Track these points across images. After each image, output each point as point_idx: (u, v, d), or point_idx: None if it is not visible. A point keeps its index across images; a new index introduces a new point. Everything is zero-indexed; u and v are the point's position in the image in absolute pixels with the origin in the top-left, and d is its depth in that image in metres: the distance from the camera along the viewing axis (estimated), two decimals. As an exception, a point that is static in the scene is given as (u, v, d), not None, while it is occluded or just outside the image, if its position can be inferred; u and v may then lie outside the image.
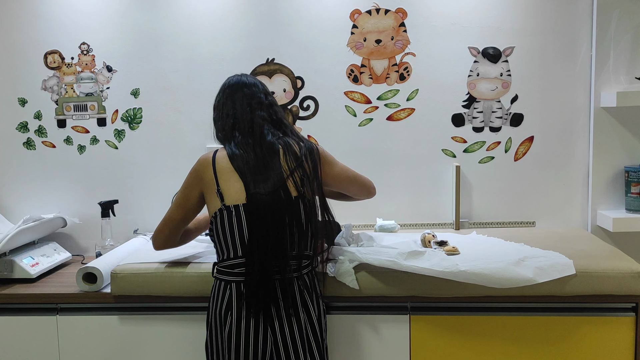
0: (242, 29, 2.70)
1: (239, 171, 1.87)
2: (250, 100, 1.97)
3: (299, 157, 1.91)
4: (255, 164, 1.87)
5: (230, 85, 2.02)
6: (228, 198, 1.86)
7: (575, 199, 2.67)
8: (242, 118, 1.95)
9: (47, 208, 2.81)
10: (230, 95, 1.99)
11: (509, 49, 2.62)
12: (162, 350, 2.18)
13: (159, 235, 2.04)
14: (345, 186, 2.08)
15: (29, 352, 2.23)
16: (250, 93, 1.99)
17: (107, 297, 2.17)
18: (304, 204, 1.88)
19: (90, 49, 2.75)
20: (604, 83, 2.56)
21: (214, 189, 1.89)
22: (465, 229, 2.67)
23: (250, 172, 1.86)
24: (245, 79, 2.03)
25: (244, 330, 1.82)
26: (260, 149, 1.90)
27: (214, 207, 1.89)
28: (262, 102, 1.98)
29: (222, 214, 1.86)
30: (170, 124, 2.77)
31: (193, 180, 1.95)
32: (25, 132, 2.81)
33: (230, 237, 1.85)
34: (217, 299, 1.87)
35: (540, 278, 1.95)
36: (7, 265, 2.34)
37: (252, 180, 1.85)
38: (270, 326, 1.83)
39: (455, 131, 2.68)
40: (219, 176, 1.89)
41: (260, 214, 1.82)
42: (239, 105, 1.97)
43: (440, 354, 2.09)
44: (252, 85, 2.01)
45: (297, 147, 1.94)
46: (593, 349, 2.04)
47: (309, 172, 1.91)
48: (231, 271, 1.86)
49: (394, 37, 2.65)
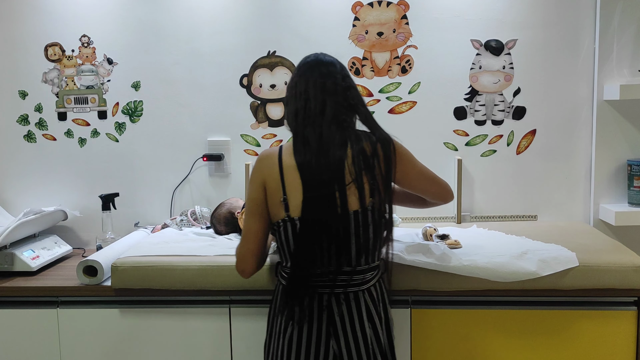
0: (243, 22, 2.68)
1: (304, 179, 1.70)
2: (325, 80, 1.77)
3: (368, 158, 1.73)
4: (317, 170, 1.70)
5: (305, 64, 1.82)
6: (293, 209, 1.71)
7: (577, 192, 2.66)
8: (314, 101, 1.76)
9: (47, 201, 2.80)
10: (303, 75, 1.80)
11: (511, 42, 2.60)
12: (162, 344, 2.18)
13: (244, 258, 1.80)
14: (425, 187, 1.89)
15: (30, 345, 2.23)
16: (326, 73, 1.79)
17: (108, 290, 2.16)
18: (369, 215, 1.72)
19: (90, 41, 2.74)
20: (607, 76, 2.54)
21: (278, 195, 1.73)
22: (466, 222, 2.66)
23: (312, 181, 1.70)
24: (322, 57, 1.83)
25: (305, 338, 1.73)
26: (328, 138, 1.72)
27: (277, 215, 1.74)
28: (337, 84, 1.78)
29: (285, 225, 1.72)
30: (171, 116, 2.76)
31: (258, 178, 1.77)
32: (26, 124, 2.81)
33: (293, 249, 1.73)
34: (278, 304, 1.80)
35: (543, 271, 1.94)
36: (7, 258, 2.34)
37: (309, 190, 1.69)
38: (335, 337, 1.73)
39: (457, 124, 2.67)
40: (286, 181, 1.73)
41: (314, 229, 1.69)
42: (311, 85, 1.77)
43: (441, 348, 2.08)
44: (329, 64, 1.81)
45: (369, 145, 1.75)
46: (594, 343, 2.03)
47: (379, 176, 1.74)
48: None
49: (396, 30, 2.63)
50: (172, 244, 2.30)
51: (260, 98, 2.73)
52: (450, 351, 2.08)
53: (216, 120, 2.75)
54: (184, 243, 2.32)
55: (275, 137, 2.72)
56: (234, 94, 2.73)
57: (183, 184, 2.78)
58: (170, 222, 2.62)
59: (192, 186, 2.78)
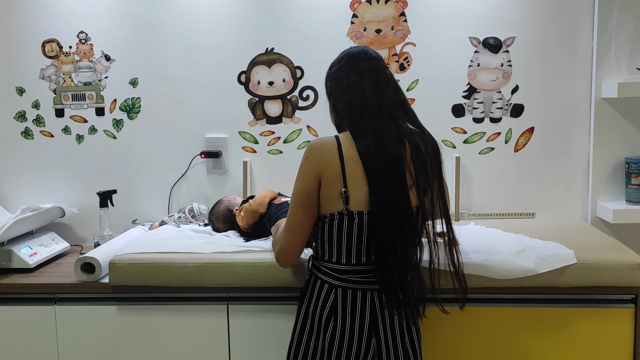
0: (241, 18, 2.68)
1: (369, 173, 1.65)
2: (379, 72, 1.71)
3: (423, 157, 1.70)
4: (382, 164, 1.65)
5: (353, 55, 1.74)
6: (354, 203, 1.65)
7: (575, 190, 2.66)
8: (370, 92, 1.69)
9: (45, 198, 2.80)
10: (353, 67, 1.72)
11: (509, 39, 2.60)
12: (160, 341, 2.17)
13: (290, 249, 1.77)
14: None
15: (27, 342, 2.23)
16: (378, 66, 1.72)
17: (105, 287, 2.16)
18: (422, 214, 1.71)
19: (88, 37, 2.73)
20: (605, 74, 2.54)
21: (338, 187, 1.66)
22: (464, 220, 2.66)
23: (377, 176, 1.65)
24: (370, 51, 1.76)
25: (347, 336, 1.70)
26: (389, 134, 1.67)
27: (333, 208, 1.67)
28: (389, 79, 1.73)
29: (342, 217, 1.66)
30: (168, 113, 2.76)
31: (313, 168, 1.68)
32: (23, 121, 2.80)
33: (345, 243, 1.68)
34: (318, 299, 1.74)
35: (541, 268, 1.95)
36: (5, 255, 2.33)
37: (377, 186, 1.64)
38: (375, 333, 1.72)
39: (455, 122, 2.67)
40: (348, 173, 1.65)
41: (384, 225, 1.65)
42: (366, 78, 1.70)
43: (437, 345, 2.08)
44: (378, 58, 1.74)
45: (423, 144, 1.72)
46: (592, 341, 2.04)
47: (430, 176, 1.71)
48: (338, 275, 1.72)
49: (394, 27, 2.63)
50: (169, 241, 2.30)
51: (258, 95, 2.72)
52: (447, 348, 2.08)
53: (214, 117, 2.74)
54: (182, 240, 2.32)
55: (273, 134, 2.72)
56: (232, 91, 2.73)
57: (181, 181, 2.78)
58: (168, 219, 2.61)
59: (190, 183, 2.78)
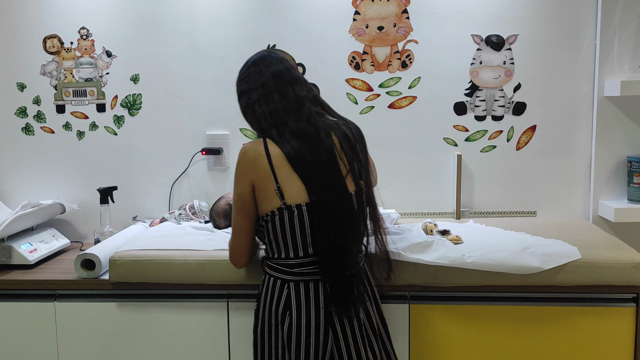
0: (242, 15, 2.67)
1: (298, 169, 1.70)
2: (290, 76, 1.76)
3: (352, 143, 1.77)
4: (312, 159, 1.70)
5: (260, 63, 1.78)
6: (289, 197, 1.70)
7: (577, 188, 2.65)
8: (288, 98, 1.73)
9: (45, 194, 2.79)
10: (265, 74, 1.76)
11: (512, 37, 2.59)
12: (160, 338, 2.17)
13: (236, 251, 1.85)
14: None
15: (27, 338, 2.23)
16: (287, 68, 1.77)
17: (106, 283, 2.16)
18: (362, 196, 1.77)
19: (89, 33, 2.73)
20: (608, 72, 2.53)
21: (271, 186, 1.71)
22: (465, 218, 2.65)
23: (310, 169, 1.70)
24: (274, 54, 1.80)
25: (304, 329, 1.72)
26: (314, 134, 1.72)
27: (270, 206, 1.72)
28: (300, 78, 1.78)
29: (281, 213, 1.71)
30: (170, 110, 2.75)
31: (244, 174, 1.75)
32: (24, 117, 2.79)
33: (290, 237, 1.72)
34: (272, 297, 1.77)
35: (547, 265, 1.95)
36: (5, 251, 2.33)
37: (312, 178, 1.70)
38: (331, 324, 1.73)
39: (457, 120, 2.66)
40: (277, 171, 1.70)
41: (324, 215, 1.69)
42: (280, 83, 1.75)
43: (439, 343, 2.08)
44: (284, 60, 1.80)
45: (348, 131, 1.78)
46: (593, 340, 2.03)
47: (362, 159, 1.79)
48: (289, 270, 1.75)
49: (396, 24, 2.62)
50: (170, 238, 2.30)
51: (259, 92, 2.71)
52: (448, 346, 2.08)
53: (215, 114, 2.74)
54: (183, 237, 2.32)
55: (275, 131, 2.71)
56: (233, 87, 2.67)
57: (182, 177, 2.77)
58: (168, 216, 2.61)
59: (191, 180, 2.77)
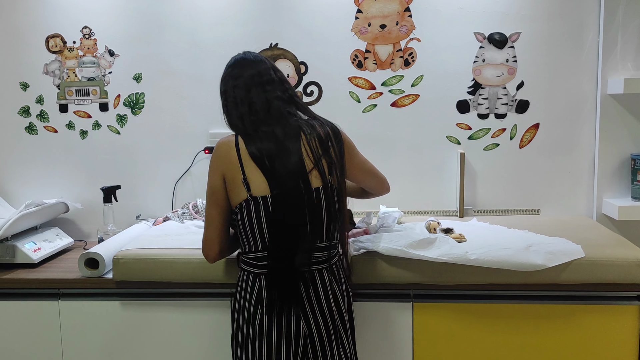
0: (245, 13, 2.67)
1: (258, 163, 1.75)
2: (261, 78, 1.82)
3: (324, 141, 1.80)
4: (276, 154, 1.75)
5: (235, 66, 1.86)
6: (255, 188, 1.75)
7: (580, 186, 2.64)
8: (257, 101, 1.80)
9: (49, 193, 2.79)
10: (238, 77, 1.83)
11: (515, 35, 2.58)
12: (163, 336, 2.17)
13: (207, 244, 1.87)
14: (364, 178, 1.99)
15: (31, 337, 2.23)
16: (259, 71, 1.83)
17: (109, 282, 2.16)
18: (330, 193, 1.79)
19: (92, 32, 2.73)
20: (611, 69, 2.53)
21: (239, 177, 1.76)
22: (469, 216, 2.65)
23: (272, 164, 1.75)
24: (250, 56, 1.87)
25: (275, 323, 1.75)
26: (282, 134, 1.77)
27: (239, 197, 1.77)
28: (273, 80, 1.83)
29: (248, 205, 1.76)
30: (172, 109, 2.75)
31: (216, 167, 1.81)
32: (27, 116, 2.80)
33: (258, 229, 1.76)
34: (245, 291, 1.80)
35: (550, 262, 1.95)
36: (9, 250, 2.33)
37: (274, 173, 1.74)
38: (304, 318, 1.76)
39: (460, 118, 2.66)
40: (245, 163, 1.76)
41: (283, 208, 1.73)
42: (250, 86, 1.81)
43: (443, 342, 2.08)
44: (259, 62, 1.85)
45: (321, 129, 1.81)
46: (597, 338, 2.03)
47: (334, 157, 1.81)
48: (259, 264, 1.78)
49: (398, 22, 2.62)
50: (173, 237, 2.30)
51: (262, 90, 2.71)
52: (452, 345, 2.08)
53: (218, 112, 2.66)
54: (186, 236, 2.32)
55: (277, 130, 2.71)
56: (236, 86, 2.71)
57: (185, 176, 2.77)
58: (172, 214, 2.61)
59: (194, 179, 2.77)
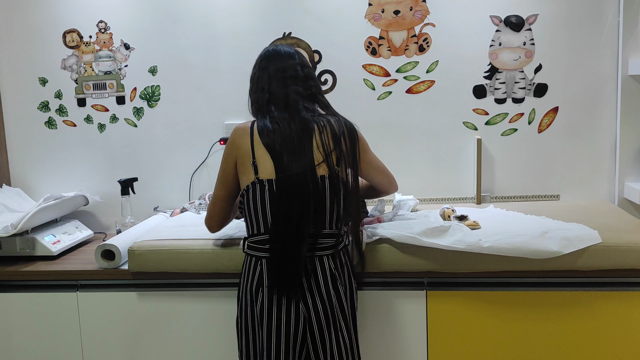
0: (258, 4, 2.66)
1: (268, 147, 1.80)
2: (285, 73, 1.89)
3: (337, 135, 1.84)
4: (287, 141, 1.80)
5: (265, 57, 1.93)
6: (262, 171, 1.80)
7: (601, 171, 2.59)
8: (277, 93, 1.87)
9: (68, 186, 2.84)
10: (265, 68, 1.91)
11: (532, 17, 2.53)
12: (179, 326, 2.19)
13: (211, 218, 1.98)
14: (374, 175, 2.02)
15: (51, 327, 2.27)
16: (285, 66, 1.90)
17: (126, 273, 2.19)
18: (337, 182, 1.81)
19: (107, 27, 2.75)
20: (632, 50, 2.46)
21: (249, 160, 1.82)
22: (486, 203, 2.61)
23: (281, 149, 1.80)
24: (281, 49, 1.94)
25: (275, 306, 1.78)
26: (294, 125, 1.82)
27: (247, 179, 1.83)
28: (297, 76, 1.90)
29: (254, 187, 1.81)
30: (188, 101, 2.76)
31: (230, 150, 1.88)
32: (47, 111, 2.84)
33: (261, 212, 1.80)
34: (248, 275, 1.84)
35: (566, 249, 1.91)
36: (29, 243, 2.38)
37: (282, 158, 1.79)
38: (304, 302, 1.79)
39: (476, 103, 2.62)
40: (256, 147, 1.83)
41: (287, 193, 1.77)
42: (273, 78, 1.88)
43: (457, 330, 2.06)
44: (287, 57, 1.92)
45: (336, 125, 1.86)
46: (614, 325, 1.98)
47: (345, 151, 1.85)
48: (262, 247, 1.82)
49: (412, 8, 2.58)
50: (188, 228, 2.31)
51: (276, 80, 2.70)
52: (466, 333, 2.06)
53: (233, 103, 2.74)
54: (201, 227, 2.30)
55: (292, 119, 2.70)
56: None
57: (201, 167, 2.79)
58: (188, 206, 2.63)
59: (210, 170, 2.79)
